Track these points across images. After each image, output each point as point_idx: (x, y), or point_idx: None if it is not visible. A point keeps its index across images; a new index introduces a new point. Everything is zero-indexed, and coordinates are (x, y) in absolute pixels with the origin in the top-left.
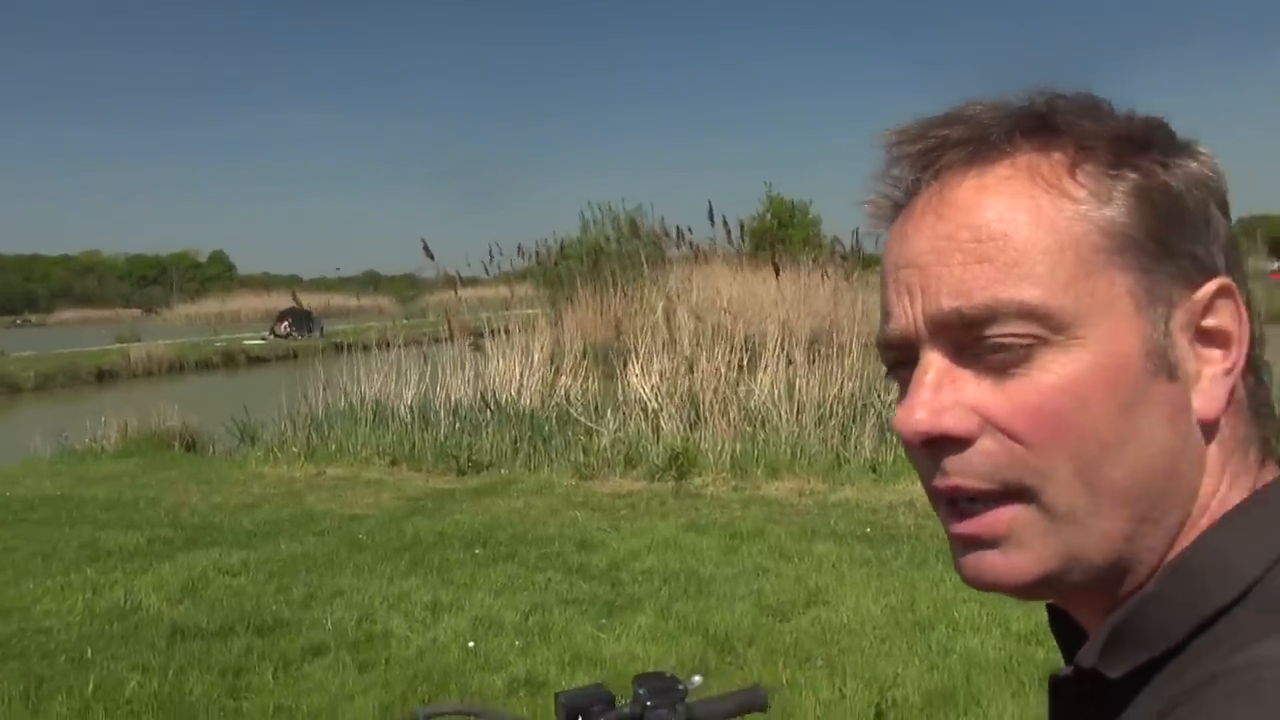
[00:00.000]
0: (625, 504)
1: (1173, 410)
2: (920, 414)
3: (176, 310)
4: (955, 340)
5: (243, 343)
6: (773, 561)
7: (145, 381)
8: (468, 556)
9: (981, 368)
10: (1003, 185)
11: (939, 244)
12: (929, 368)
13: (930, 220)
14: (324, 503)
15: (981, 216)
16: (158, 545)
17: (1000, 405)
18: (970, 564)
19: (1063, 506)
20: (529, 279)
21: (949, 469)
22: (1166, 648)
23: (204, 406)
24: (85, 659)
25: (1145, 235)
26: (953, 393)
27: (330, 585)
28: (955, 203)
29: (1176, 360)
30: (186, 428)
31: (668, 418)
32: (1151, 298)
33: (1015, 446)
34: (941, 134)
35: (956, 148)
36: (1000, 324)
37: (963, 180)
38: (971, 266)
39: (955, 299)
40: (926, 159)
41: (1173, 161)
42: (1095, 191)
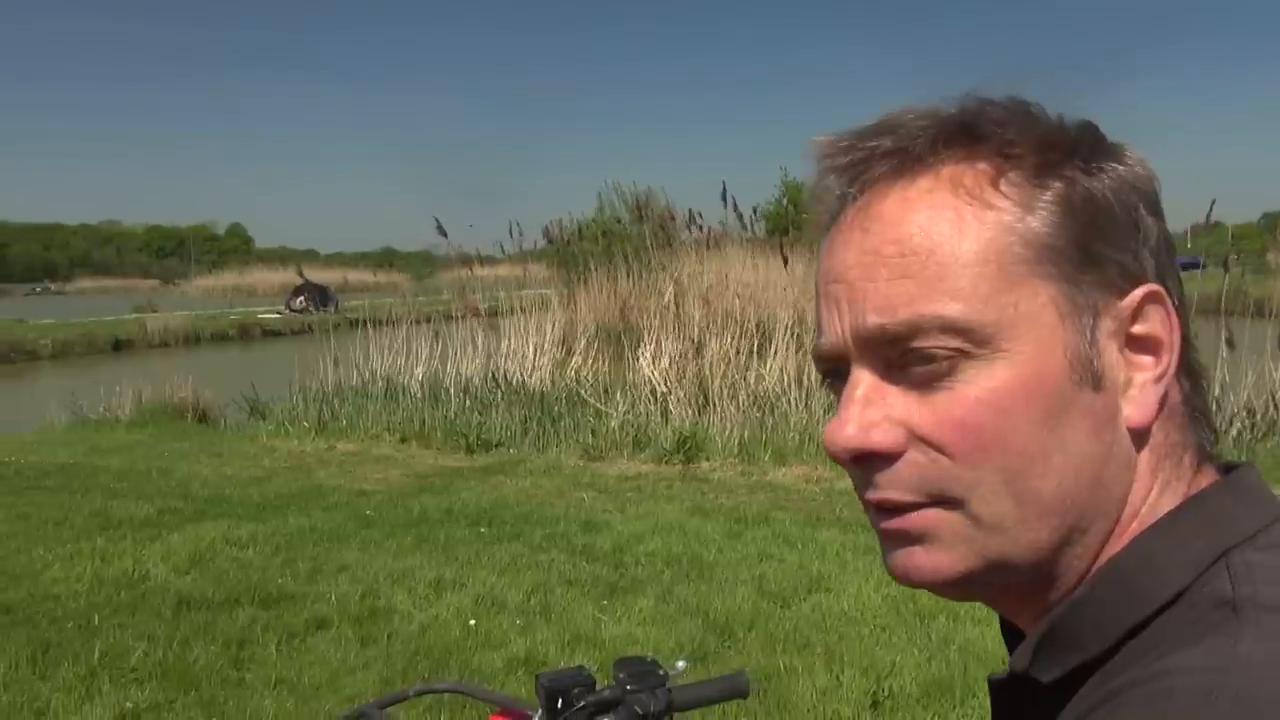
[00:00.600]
0: (632, 486)
1: (1098, 420)
2: (849, 429)
3: (194, 282)
4: (883, 356)
5: (258, 316)
6: (776, 548)
7: (161, 352)
8: (473, 535)
9: (908, 382)
10: (925, 198)
11: (865, 259)
12: (858, 384)
13: (857, 235)
14: (333, 478)
15: (905, 230)
16: (167, 516)
17: (925, 419)
18: (898, 560)
19: (989, 517)
20: (543, 259)
21: (879, 482)
22: (1097, 652)
23: (218, 379)
24: (92, 626)
25: (1069, 244)
26: (881, 408)
27: (336, 560)
28: (880, 216)
29: (1103, 369)
30: (200, 400)
31: (677, 401)
32: (1076, 307)
33: (941, 459)
34: (869, 145)
35: (882, 159)
36: (923, 338)
37: (888, 193)
38: (896, 282)
39: (880, 315)
40: (854, 171)
41: (1098, 167)
42: (1019, 201)
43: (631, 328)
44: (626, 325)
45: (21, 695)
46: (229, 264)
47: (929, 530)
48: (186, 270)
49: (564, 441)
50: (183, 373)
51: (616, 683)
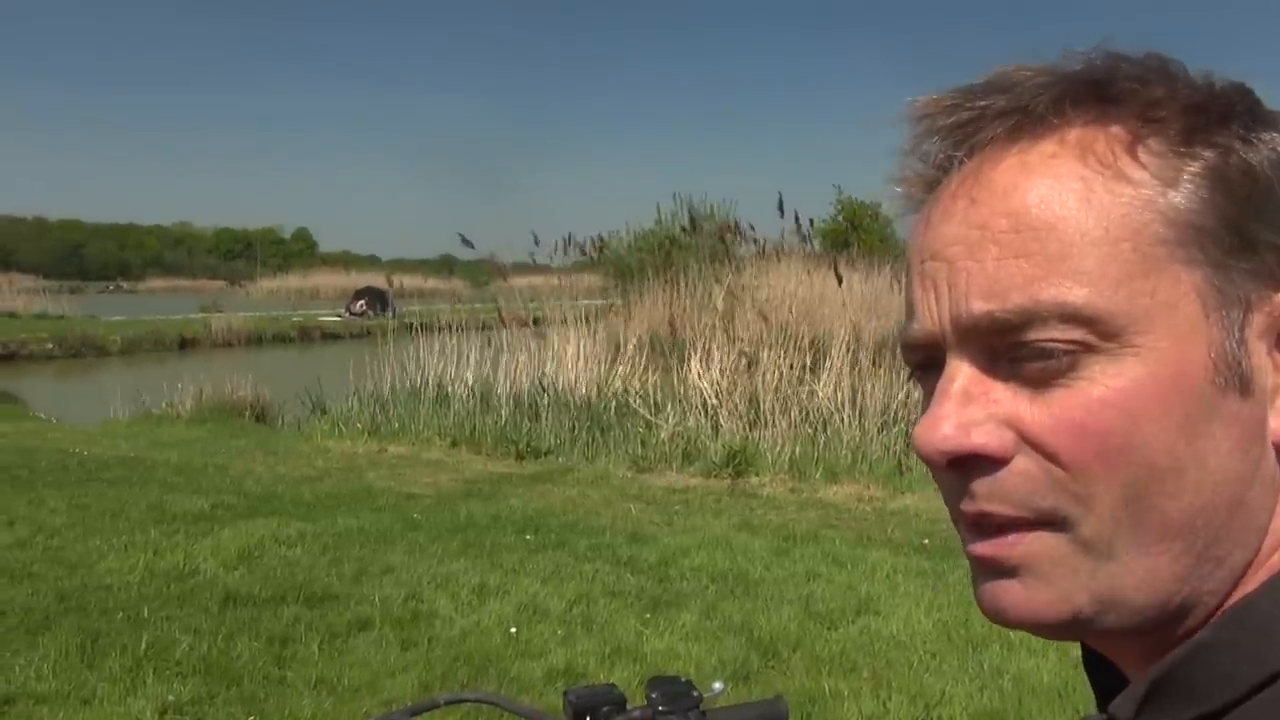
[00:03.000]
0: (680, 499)
1: (1244, 431)
2: (946, 429)
3: (259, 284)
4: (988, 347)
5: (318, 319)
6: (825, 567)
7: (224, 351)
8: (519, 542)
9: (1019, 379)
10: (1048, 165)
11: (971, 233)
12: (956, 376)
13: (962, 205)
14: (383, 480)
15: (1021, 202)
16: (220, 511)
17: (1039, 421)
18: (988, 593)
19: (1103, 540)
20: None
21: (977, 492)
22: (1220, 704)
23: (277, 379)
24: (141, 618)
25: (1219, 225)
26: (984, 406)
27: (381, 561)
28: (992, 185)
29: (1251, 372)
30: (258, 398)
31: (727, 415)
32: (1224, 299)
33: (1054, 469)
34: (980, 105)
35: (997, 120)
36: (1040, 328)
37: (1002, 159)
38: (1008, 262)
39: (988, 301)
40: (962, 133)
41: (1258, 136)
42: (1159, 173)
43: (683, 339)
44: (678, 337)
45: (69, 684)
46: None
47: (1032, 561)
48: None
49: (613, 452)
50: (243, 372)
51: (648, 702)
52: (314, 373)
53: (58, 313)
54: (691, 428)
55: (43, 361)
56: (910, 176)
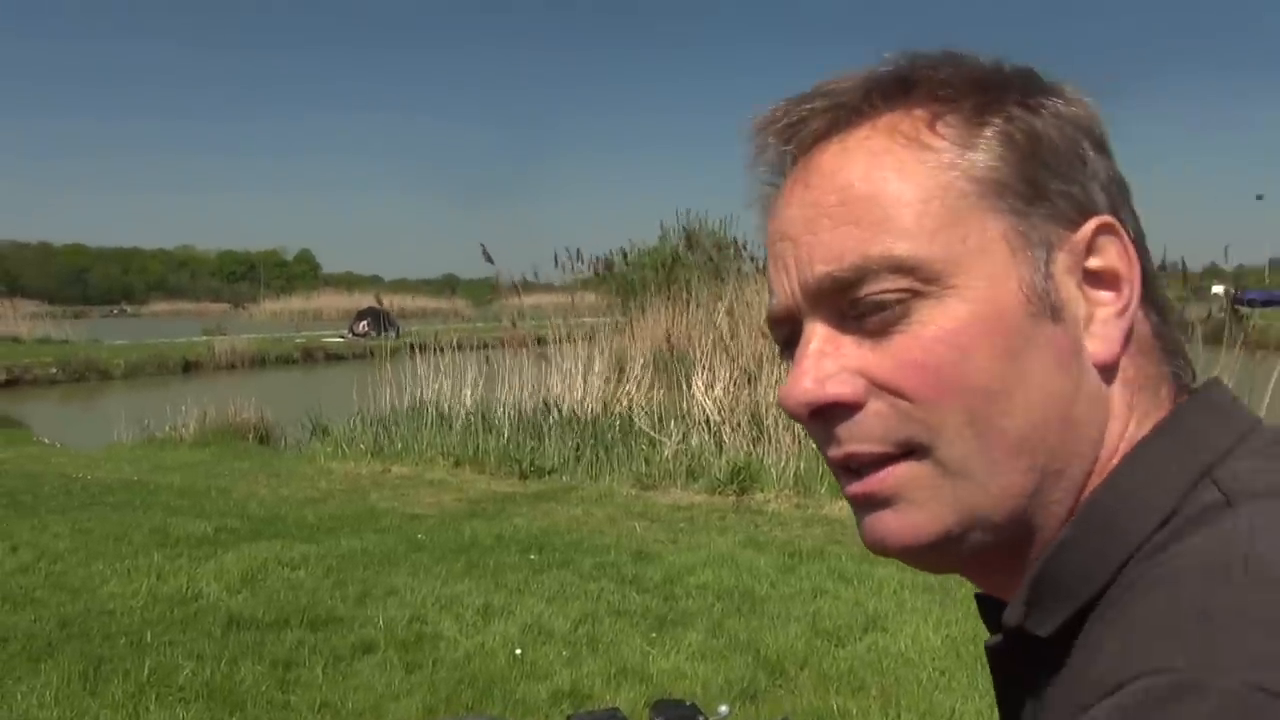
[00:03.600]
0: (684, 517)
1: (1061, 354)
2: (805, 383)
3: (262, 306)
4: (834, 307)
5: (322, 340)
6: (831, 583)
7: (228, 374)
8: (523, 561)
9: (863, 332)
10: (863, 145)
11: (807, 212)
12: (811, 338)
13: (799, 190)
14: (387, 500)
15: (845, 178)
16: (224, 535)
17: (883, 364)
18: (868, 526)
19: (956, 460)
20: (600, 286)
21: (841, 436)
22: (1089, 596)
23: (280, 401)
24: (144, 643)
25: (1014, 177)
26: (836, 360)
27: (385, 583)
28: (820, 169)
29: (1062, 303)
30: (261, 420)
31: (731, 431)
32: (1027, 240)
33: (902, 404)
34: (804, 108)
35: (818, 118)
36: (872, 282)
37: (826, 147)
38: (840, 229)
39: (827, 264)
40: (790, 132)
41: (1038, 103)
42: (957, 140)
43: (685, 356)
44: (680, 354)
45: (71, 711)
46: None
47: (899, 489)
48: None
49: (617, 470)
50: (246, 394)
51: None
52: (317, 394)
53: (61, 337)
54: (695, 445)
55: (46, 386)
56: (764, 190)
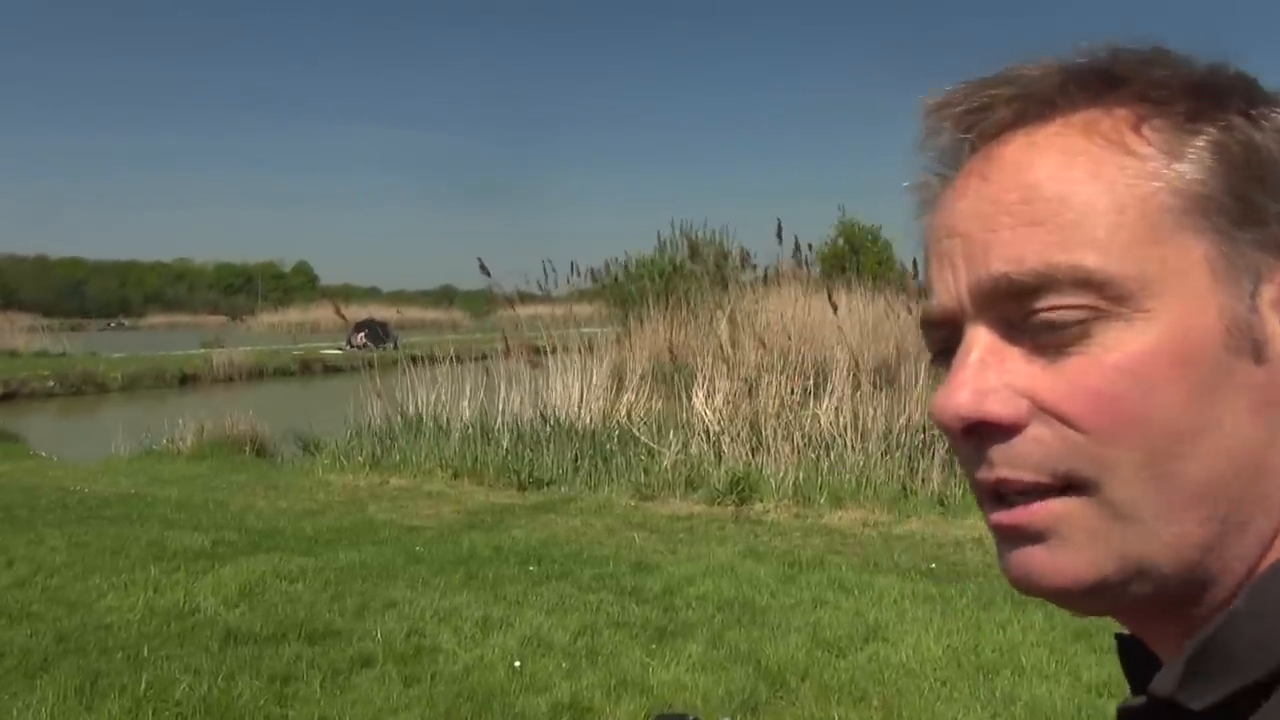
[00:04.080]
0: (684, 527)
1: (1259, 397)
2: (961, 396)
3: (260, 318)
4: (1004, 315)
5: (320, 352)
6: (832, 593)
7: (225, 386)
8: (522, 573)
9: (1034, 346)
10: (1055, 142)
11: (984, 208)
12: (973, 345)
13: (975, 183)
14: (385, 513)
15: (1032, 175)
16: (221, 548)
17: (1054, 388)
18: (1015, 562)
19: (1126, 503)
20: (599, 297)
21: (995, 459)
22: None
23: (278, 413)
24: (141, 657)
25: (1225, 195)
26: (1000, 374)
27: (384, 596)
28: (1002, 162)
29: (1265, 340)
30: (259, 433)
31: (730, 441)
32: (1233, 266)
33: (1071, 434)
34: (988, 94)
35: (1004, 106)
36: (1054, 294)
37: (1011, 139)
38: (1021, 230)
39: (1005, 264)
40: (970, 119)
41: (1260, 114)
42: (1164, 147)
43: (684, 367)
44: (679, 364)
45: None
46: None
47: (1054, 525)
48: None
49: (616, 480)
50: (244, 407)
51: None
52: (315, 406)
53: (58, 350)
54: (694, 455)
55: (44, 399)
56: (924, 169)
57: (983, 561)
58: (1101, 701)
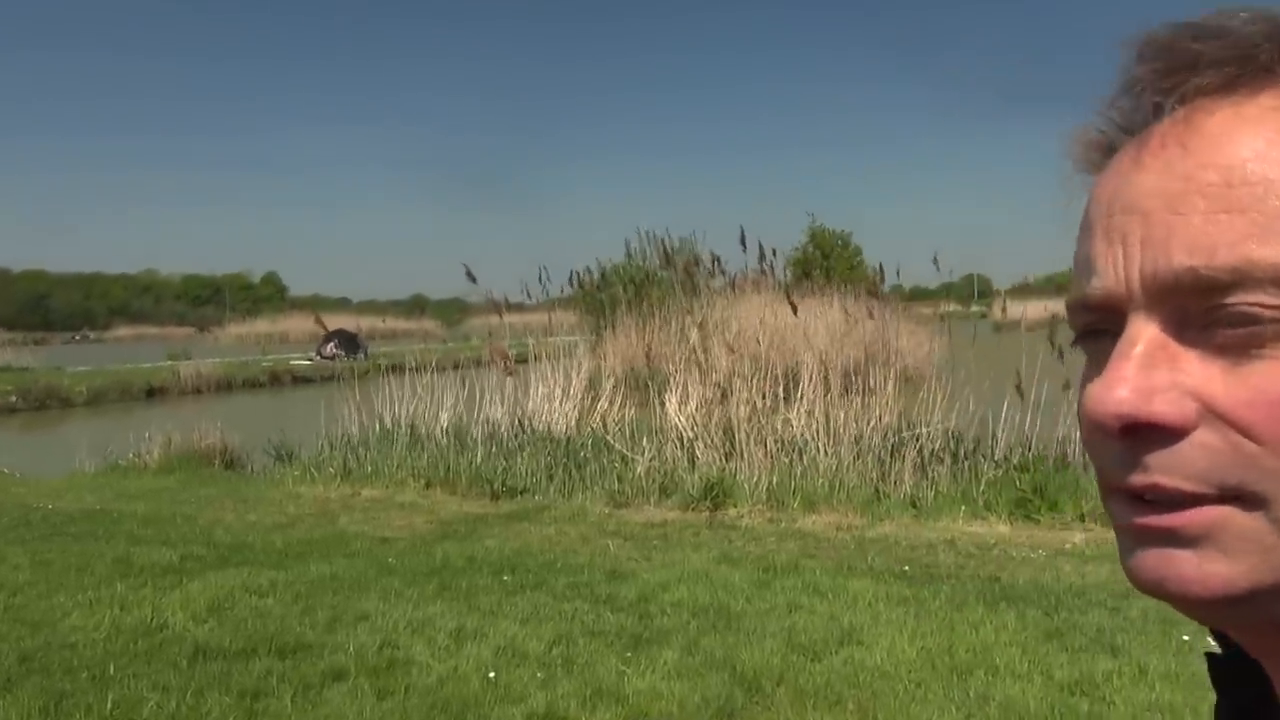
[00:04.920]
0: (658, 534)
1: None
2: (1123, 391)
3: (228, 329)
4: (1180, 309)
5: (290, 363)
6: (806, 598)
7: (193, 399)
8: (496, 583)
9: (1210, 347)
10: (1269, 117)
11: (1174, 184)
12: (1138, 338)
13: (1166, 154)
14: (357, 524)
15: (1235, 154)
16: (189, 563)
17: (1233, 393)
18: (1153, 562)
19: None
20: (572, 305)
21: (1151, 464)
22: None
23: (247, 425)
24: (107, 676)
25: None
26: (1169, 372)
27: (356, 608)
28: (1201, 134)
29: None
30: (227, 446)
31: (704, 447)
32: None
33: (1244, 443)
34: (1193, 49)
35: (1211, 69)
36: (1249, 290)
37: (1216, 109)
38: (1217, 216)
39: (1192, 256)
40: (1172, 80)
41: None
42: None
43: (657, 373)
44: (652, 371)
45: None
46: (263, 312)
47: (1211, 531)
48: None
49: (590, 488)
50: (212, 419)
51: None
52: (285, 418)
53: (21, 365)
54: (668, 461)
55: (6, 415)
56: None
57: (955, 563)
58: (1073, 700)
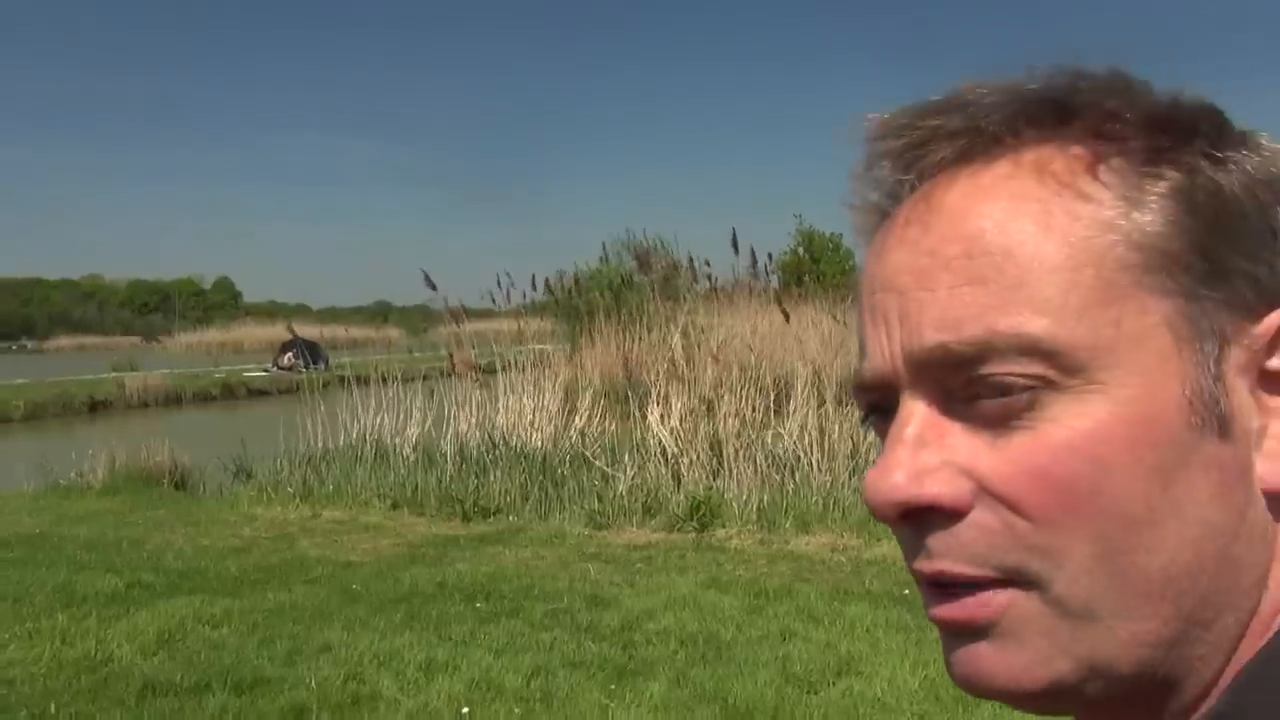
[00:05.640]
0: (642, 556)
1: (1225, 477)
2: (897, 477)
3: (177, 339)
4: (943, 384)
5: (243, 374)
6: (801, 624)
7: (140, 413)
8: (468, 611)
9: (976, 419)
10: (1002, 186)
11: (922, 261)
12: (909, 419)
13: (913, 232)
14: (318, 548)
15: (975, 225)
16: (137, 591)
17: (998, 467)
18: (959, 659)
19: (1079, 600)
20: (545, 312)
21: (934, 549)
22: None
23: (198, 441)
24: (48, 715)
25: (1188, 250)
26: (939, 451)
27: (318, 639)
28: (943, 209)
29: (1231, 412)
30: (177, 464)
31: (689, 464)
32: (1197, 330)
33: (1017, 521)
34: (931, 125)
35: (947, 141)
36: (998, 362)
37: (954, 182)
38: (961, 290)
39: (940, 331)
40: (911, 156)
41: (1226, 155)
42: (1123, 193)
43: (639, 385)
44: (633, 383)
45: None
46: (215, 320)
47: (1001, 620)
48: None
49: (568, 508)
50: (161, 435)
51: None
52: (239, 433)
53: None
54: (651, 479)
55: None
56: (861, 204)
57: None
58: None
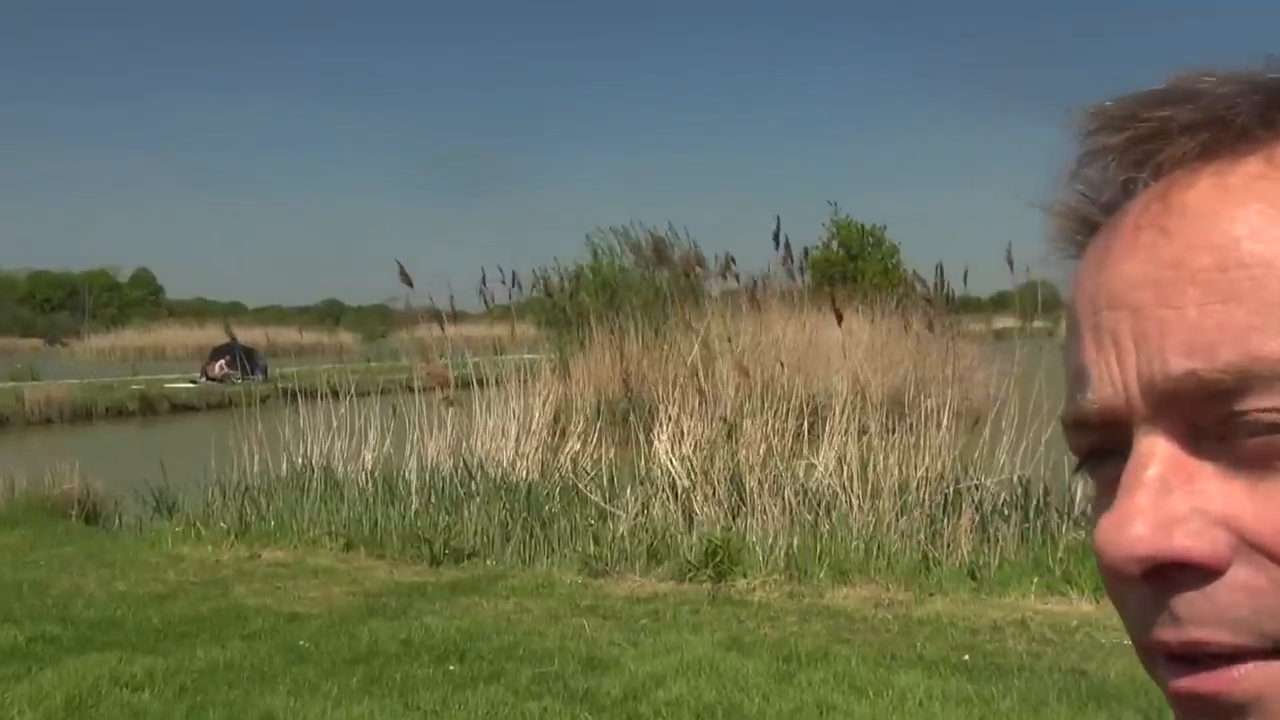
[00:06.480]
0: (647, 611)
1: None
2: (1139, 528)
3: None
4: (1190, 419)
5: (166, 385)
6: (840, 696)
7: (42, 430)
8: (440, 674)
9: (1231, 459)
10: (1256, 188)
11: (1163, 273)
12: (1150, 460)
13: (1148, 237)
14: (257, 596)
15: (1228, 233)
16: (40, 645)
17: (1264, 517)
18: None
19: None
20: (529, 316)
21: (1183, 614)
22: None
23: (113, 465)
24: None
25: None
26: (1188, 497)
27: (259, 706)
28: (1186, 212)
29: None
30: (88, 492)
31: (704, 499)
32: None
33: None
34: (1161, 115)
35: (1185, 134)
36: (1261, 394)
37: (1195, 180)
38: (1214, 307)
39: (1190, 357)
40: (1141, 152)
41: None
42: None
43: (643, 403)
44: (637, 400)
45: None
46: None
47: (1263, 695)
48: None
49: (557, 551)
50: (68, 457)
51: None
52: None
53: None
54: (658, 517)
55: None
56: (1071, 207)
57: (1028, 651)
58: None
